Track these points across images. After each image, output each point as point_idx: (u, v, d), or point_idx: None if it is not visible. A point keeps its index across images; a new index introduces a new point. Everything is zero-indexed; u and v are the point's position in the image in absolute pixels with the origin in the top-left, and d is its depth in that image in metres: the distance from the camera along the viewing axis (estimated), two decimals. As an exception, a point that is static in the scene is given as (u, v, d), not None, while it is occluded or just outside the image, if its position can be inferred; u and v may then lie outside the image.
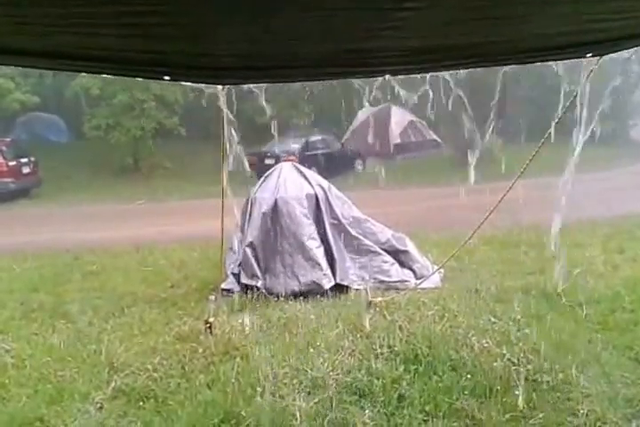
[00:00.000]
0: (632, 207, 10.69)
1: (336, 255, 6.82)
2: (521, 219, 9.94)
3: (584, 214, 9.88)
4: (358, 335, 5.32)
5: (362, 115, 23.24)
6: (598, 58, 3.43)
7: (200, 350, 5.03)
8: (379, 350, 4.95)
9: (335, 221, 7.03)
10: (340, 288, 6.65)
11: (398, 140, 23.08)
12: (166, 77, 3.33)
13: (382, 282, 6.85)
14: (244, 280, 6.70)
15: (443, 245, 8.59)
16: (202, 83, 3.72)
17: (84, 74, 17.18)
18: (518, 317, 5.57)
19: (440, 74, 3.94)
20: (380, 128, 22.74)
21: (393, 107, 22.86)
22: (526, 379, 4.35)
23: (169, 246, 9.72)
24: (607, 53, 3.38)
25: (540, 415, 3.86)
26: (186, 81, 3.74)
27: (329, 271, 6.69)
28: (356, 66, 3.35)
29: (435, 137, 23.95)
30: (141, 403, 4.26)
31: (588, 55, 3.37)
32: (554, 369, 4.46)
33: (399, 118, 23.48)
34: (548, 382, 4.31)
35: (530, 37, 3.00)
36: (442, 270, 7.10)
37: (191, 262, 8.47)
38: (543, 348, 4.81)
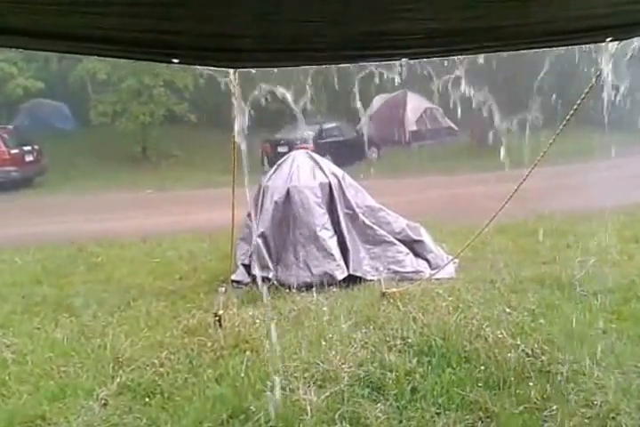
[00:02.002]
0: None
1: (349, 245, 6.89)
2: (536, 208, 9.99)
3: (599, 202, 9.90)
4: (371, 327, 5.40)
5: (377, 101, 23.22)
6: (618, 42, 3.46)
7: (209, 344, 5.08)
8: (392, 342, 5.02)
9: (349, 211, 7.09)
10: (353, 279, 6.72)
11: (414, 128, 23.06)
12: (175, 60, 3.29)
13: (396, 273, 6.92)
14: (255, 271, 6.76)
15: (458, 234, 8.66)
16: (212, 66, 3.69)
17: (90, 57, 17.29)
18: (533, 307, 5.66)
19: (460, 58, 3.96)
20: (396, 115, 22.73)
21: (409, 93, 22.83)
22: (540, 370, 4.44)
23: (178, 237, 9.80)
24: (628, 38, 3.41)
25: (554, 407, 3.93)
26: (196, 64, 3.72)
27: (342, 262, 6.76)
28: (372, 49, 3.33)
29: (451, 124, 23.89)
30: (147, 399, 4.29)
31: (609, 40, 3.40)
32: (568, 360, 4.53)
33: (415, 105, 23.45)
34: (562, 373, 4.38)
35: (550, 21, 3.01)
36: (457, 260, 7.17)
37: (200, 253, 8.55)
38: (557, 338, 4.90)
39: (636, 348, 4.81)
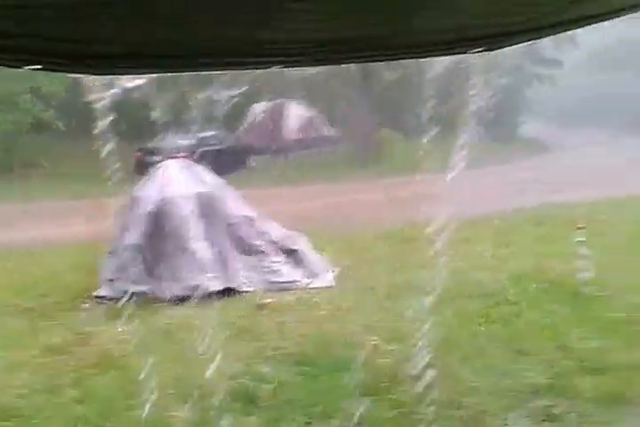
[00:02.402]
0: (521, 202, 11.36)
1: (225, 257, 6.81)
2: (415, 214, 10.33)
3: (475, 209, 10.39)
4: (247, 339, 5.35)
5: (257, 109, 23.24)
6: (485, 54, 3.60)
7: (72, 363, 4.89)
8: (267, 354, 5.00)
9: (225, 221, 7.02)
10: (229, 291, 6.62)
11: (295, 136, 23.22)
12: (38, 66, 3.15)
13: (274, 283, 6.89)
14: (125, 286, 6.48)
15: (338, 242, 8.79)
16: (77, 73, 3.55)
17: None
18: (408, 313, 5.79)
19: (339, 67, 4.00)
20: (276, 123, 22.84)
21: (289, 101, 23.03)
22: (414, 375, 4.53)
23: (42, 251, 9.35)
24: (496, 49, 3.55)
25: (426, 410, 4.02)
26: (59, 70, 3.56)
27: (217, 273, 6.64)
28: (245, 56, 3.33)
29: (332, 133, 24.33)
30: (6, 422, 4.07)
31: (474, 51, 3.53)
32: (440, 364, 4.66)
33: (296, 113, 23.66)
34: (434, 376, 4.50)
35: (420, 32, 3.11)
36: (335, 268, 7.25)
37: (65, 268, 8.08)
38: (430, 343, 5.02)
39: (505, 349, 5.04)
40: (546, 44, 24.09)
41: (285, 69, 3.77)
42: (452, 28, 3.05)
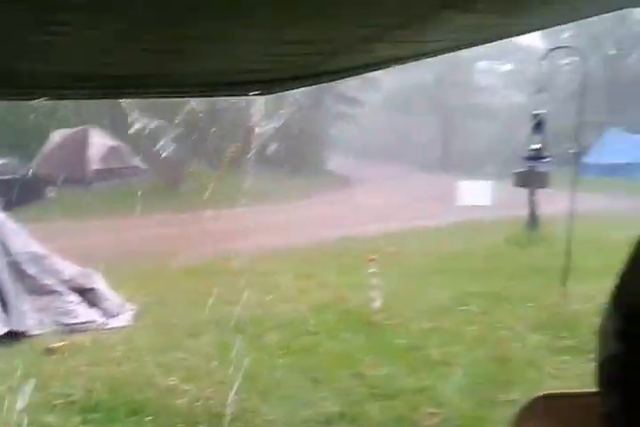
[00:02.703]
0: (323, 235, 11.88)
1: (9, 298, 6.31)
2: (227, 248, 10.37)
3: (279, 242, 10.69)
4: (30, 387, 4.98)
5: (56, 137, 22.03)
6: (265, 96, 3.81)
7: None
8: (54, 402, 4.72)
9: (8, 259, 6.54)
10: (13, 335, 6.14)
11: (97, 166, 22.28)
12: None
13: (67, 325, 6.52)
14: None
15: (139, 278, 8.56)
16: None
17: None
18: (208, 350, 5.78)
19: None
20: (77, 152, 21.78)
21: (92, 129, 22.14)
22: (210, 413, 4.53)
23: None
24: (271, 93, 3.77)
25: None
26: None
27: (0, 316, 6.15)
28: (5, 87, 3.23)
29: (138, 163, 23.70)
30: None
31: (253, 93, 3.73)
32: (238, 399, 4.71)
33: (99, 142, 22.74)
34: (232, 413, 4.54)
35: (195, 73, 3.21)
36: (135, 306, 7.04)
37: None
38: (229, 380, 5.06)
39: (303, 380, 5.21)
40: (350, 85, 25.65)
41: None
42: (230, 71, 3.22)
